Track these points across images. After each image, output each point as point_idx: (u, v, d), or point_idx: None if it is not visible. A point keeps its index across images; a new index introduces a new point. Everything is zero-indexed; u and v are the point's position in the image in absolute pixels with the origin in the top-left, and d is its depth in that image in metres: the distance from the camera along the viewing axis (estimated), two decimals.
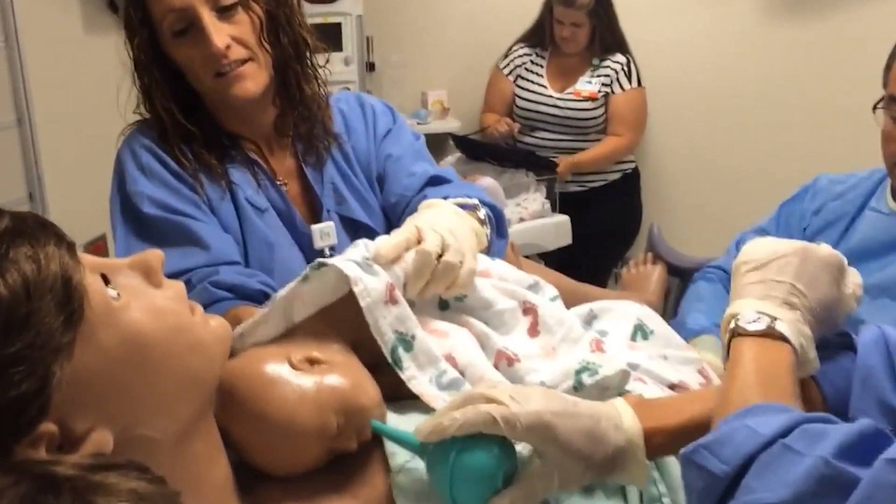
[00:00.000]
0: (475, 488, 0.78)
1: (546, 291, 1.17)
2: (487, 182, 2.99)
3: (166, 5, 1.23)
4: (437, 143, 3.72)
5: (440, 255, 1.03)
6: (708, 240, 3.19)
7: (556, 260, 3.21)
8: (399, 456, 0.87)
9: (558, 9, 3.21)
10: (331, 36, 3.44)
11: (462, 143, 3.40)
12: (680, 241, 3.47)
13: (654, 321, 1.16)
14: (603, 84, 3.30)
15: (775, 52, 3.47)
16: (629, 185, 3.50)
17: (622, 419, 0.83)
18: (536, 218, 3.09)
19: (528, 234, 3.04)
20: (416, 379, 0.96)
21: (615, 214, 3.44)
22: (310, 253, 1.35)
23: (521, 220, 3.05)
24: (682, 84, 3.63)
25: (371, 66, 3.67)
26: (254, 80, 1.29)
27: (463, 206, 1.23)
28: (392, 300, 0.97)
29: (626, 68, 3.31)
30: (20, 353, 0.63)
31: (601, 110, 3.32)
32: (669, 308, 1.98)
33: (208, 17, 1.23)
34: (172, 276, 1.20)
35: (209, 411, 0.82)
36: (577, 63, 3.34)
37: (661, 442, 0.83)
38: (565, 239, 3.15)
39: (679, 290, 2.01)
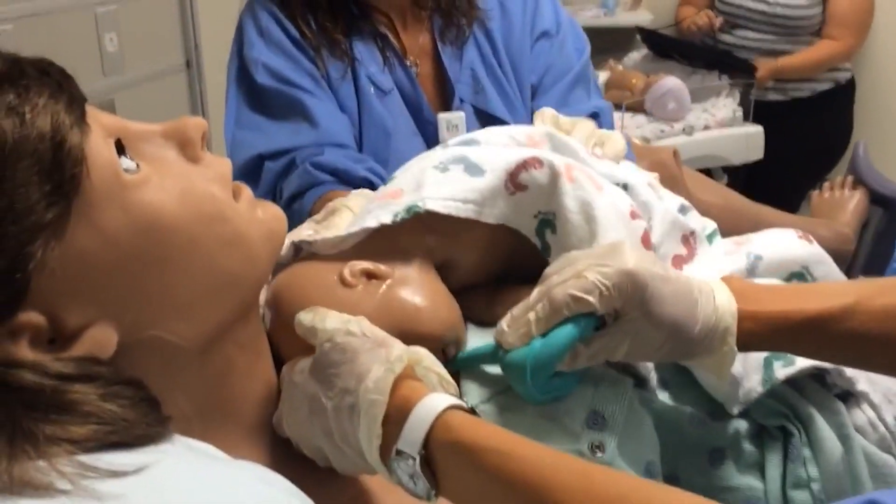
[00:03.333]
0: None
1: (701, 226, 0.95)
2: (671, 83, 2.71)
3: None
4: (622, 38, 3.41)
5: None
6: None
7: (744, 177, 2.90)
8: (472, 396, 0.72)
9: None
10: None
11: (650, 37, 3.09)
12: (894, 168, 3.03)
13: (824, 269, 0.92)
14: None
15: None
16: (841, 97, 3.06)
17: (715, 294, 0.69)
18: (724, 127, 2.77)
19: (712, 144, 2.74)
20: None
21: (820, 130, 3.03)
22: (434, 144, 1.20)
23: (707, 127, 2.75)
24: None
25: None
26: None
27: None
28: (517, 187, 0.79)
29: None
30: None
31: (818, 9, 2.89)
32: (866, 242, 1.68)
33: None
34: (278, 153, 1.12)
35: (251, 315, 0.68)
36: None
37: (755, 330, 0.69)
38: (756, 153, 2.81)
39: (882, 223, 1.70)
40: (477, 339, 0.78)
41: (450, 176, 0.81)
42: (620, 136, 0.99)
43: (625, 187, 0.86)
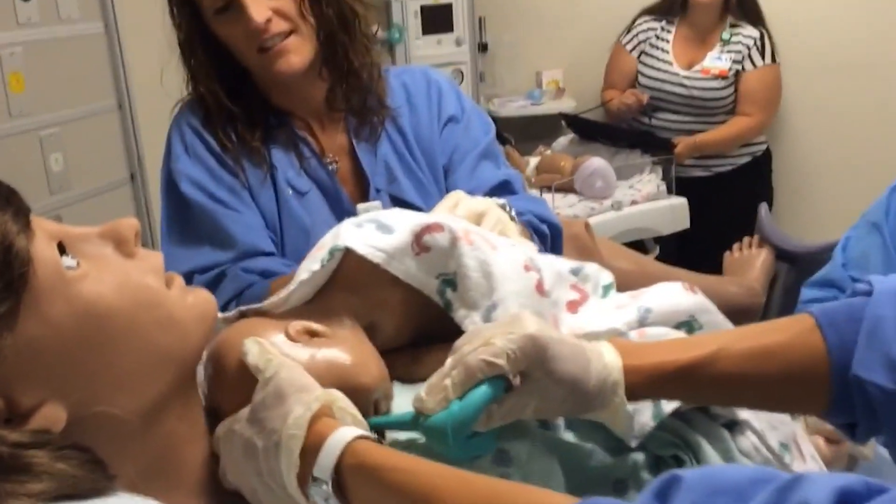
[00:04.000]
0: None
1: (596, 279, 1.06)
2: (597, 163, 2.88)
3: None
4: (550, 125, 3.61)
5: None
6: (842, 227, 2.94)
7: (675, 246, 3.05)
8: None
9: None
10: (442, 17, 3.40)
11: (574, 122, 3.28)
12: (813, 229, 3.21)
13: (708, 317, 1.02)
14: (734, 61, 3.08)
15: None
16: (760, 168, 3.27)
17: (603, 353, 0.78)
18: (651, 201, 2.93)
19: (640, 217, 2.90)
20: (469, 318, 0.90)
21: (743, 200, 3.19)
22: None
23: (634, 202, 2.90)
24: (822, 60, 3.35)
25: (483, 47, 3.60)
26: (298, 53, 1.25)
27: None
28: (422, 248, 0.89)
29: (759, 43, 3.09)
30: None
31: (730, 90, 3.11)
32: (776, 295, 1.81)
33: None
34: (203, 269, 1.21)
35: (189, 388, 0.77)
36: (706, 37, 3.15)
37: (639, 381, 0.78)
38: (682, 223, 2.97)
39: (789, 278, 1.84)
40: (401, 395, 0.87)
41: (363, 230, 0.91)
42: (499, 214, 1.12)
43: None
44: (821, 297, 1.37)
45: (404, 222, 0.91)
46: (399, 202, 1.32)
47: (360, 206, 1.29)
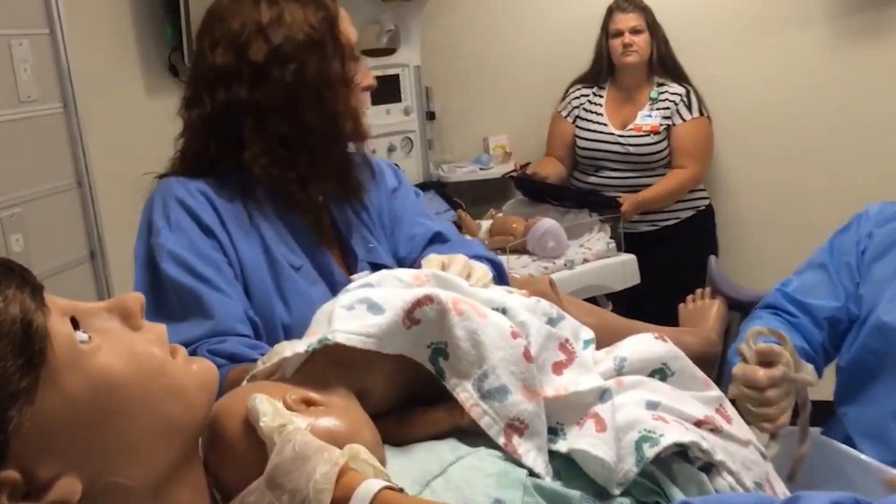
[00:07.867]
0: None
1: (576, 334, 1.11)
2: (548, 224, 2.96)
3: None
4: (499, 188, 3.70)
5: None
6: (782, 275, 3.07)
7: (626, 301, 3.13)
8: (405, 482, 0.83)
9: (617, 16, 3.23)
10: (390, 87, 3.49)
11: (523, 184, 3.38)
12: (756, 277, 3.31)
13: (680, 363, 1.08)
14: (664, 116, 3.25)
15: (847, 80, 3.36)
16: (704, 222, 3.40)
17: None
18: (601, 258, 3.02)
19: (592, 274, 2.97)
20: (461, 386, 0.93)
21: (690, 253, 3.31)
22: None
23: (586, 260, 2.98)
24: (752, 117, 3.52)
25: (431, 115, 3.69)
26: None
27: None
28: (413, 322, 0.93)
29: (685, 98, 3.25)
30: None
31: (664, 143, 3.26)
32: (731, 342, 1.88)
33: None
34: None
35: (193, 457, 0.79)
36: (635, 97, 3.31)
37: None
38: (633, 278, 3.06)
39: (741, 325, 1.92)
40: (392, 458, 0.89)
41: (355, 314, 0.94)
42: (484, 266, 1.17)
43: (504, 311, 1.01)
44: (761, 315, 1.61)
45: (394, 300, 0.95)
46: (377, 266, 1.38)
47: (353, 278, 1.33)
